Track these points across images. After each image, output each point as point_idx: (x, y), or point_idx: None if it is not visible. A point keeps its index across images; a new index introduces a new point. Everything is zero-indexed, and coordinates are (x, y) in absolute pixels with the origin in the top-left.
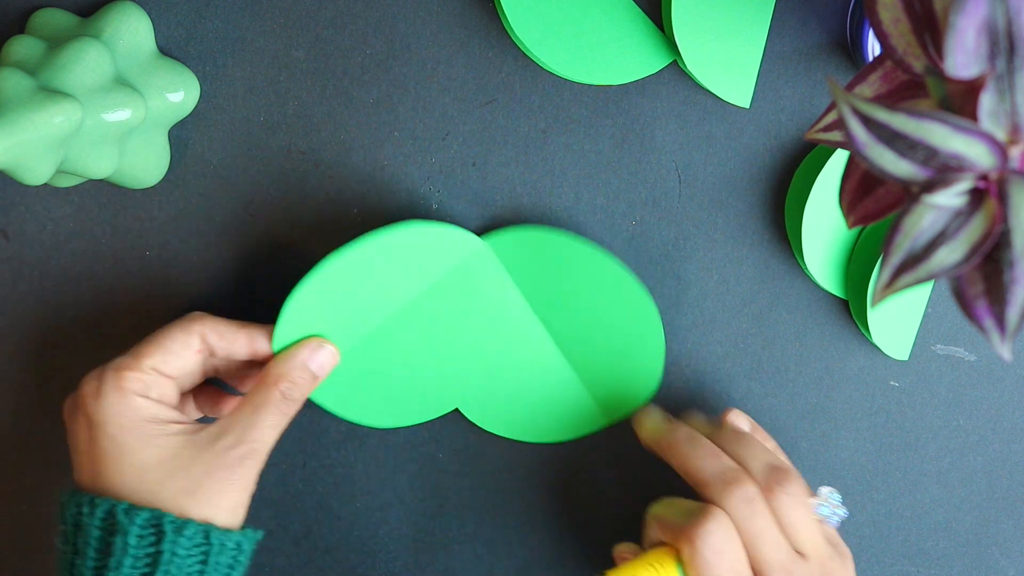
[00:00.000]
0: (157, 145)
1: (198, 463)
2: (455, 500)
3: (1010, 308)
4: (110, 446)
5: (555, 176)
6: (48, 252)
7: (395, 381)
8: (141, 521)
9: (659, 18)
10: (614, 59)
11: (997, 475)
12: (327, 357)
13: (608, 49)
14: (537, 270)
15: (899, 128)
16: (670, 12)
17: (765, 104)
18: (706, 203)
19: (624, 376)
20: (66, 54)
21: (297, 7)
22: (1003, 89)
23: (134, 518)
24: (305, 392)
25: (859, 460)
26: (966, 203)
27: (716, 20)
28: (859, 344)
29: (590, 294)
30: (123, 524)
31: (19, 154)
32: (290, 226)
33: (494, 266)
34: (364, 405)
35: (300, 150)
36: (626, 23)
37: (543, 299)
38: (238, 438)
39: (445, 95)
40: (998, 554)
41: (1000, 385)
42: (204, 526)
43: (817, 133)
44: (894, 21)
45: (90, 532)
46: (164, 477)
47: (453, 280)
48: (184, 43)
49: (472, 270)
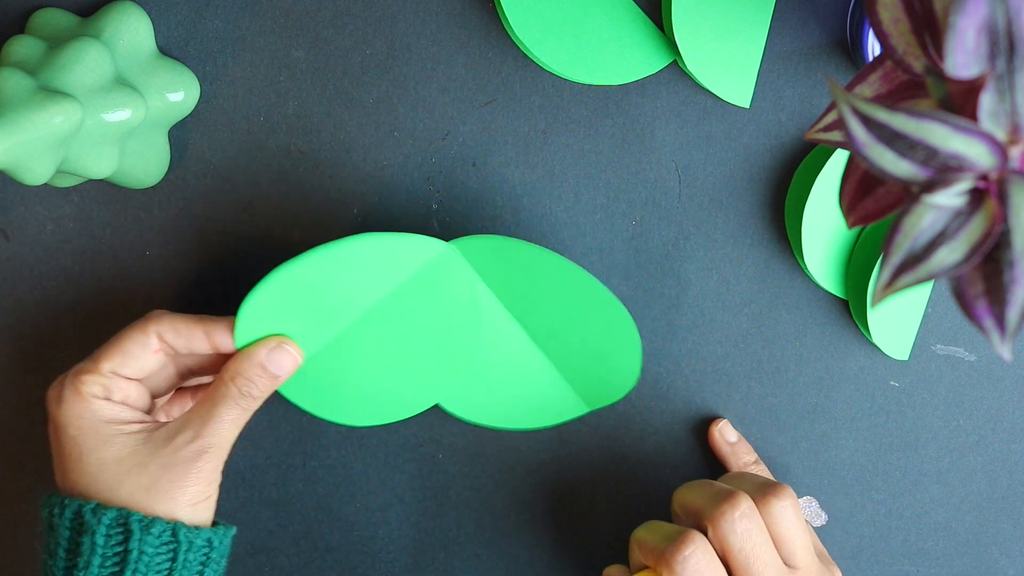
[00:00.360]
0: (157, 145)
1: (155, 459)
2: (455, 500)
3: (1010, 308)
4: (71, 447)
5: (555, 176)
6: (48, 252)
7: (370, 379)
8: (108, 520)
9: (659, 18)
10: (614, 59)
11: (997, 475)
12: (285, 358)
13: (608, 49)
14: (506, 274)
15: (899, 128)
16: (670, 12)
17: (765, 104)
18: (706, 203)
19: (601, 372)
20: (66, 54)
21: (297, 7)
22: (1003, 89)
23: (101, 517)
24: (264, 390)
25: (859, 460)
26: (966, 203)
27: (716, 20)
28: (859, 344)
29: (560, 298)
30: (90, 523)
31: (19, 154)
32: (290, 226)
33: (461, 267)
34: (341, 403)
35: (300, 150)
36: (626, 23)
37: (515, 300)
38: (195, 433)
39: (445, 95)
40: (998, 554)
41: (1000, 385)
42: (172, 524)
43: (817, 133)
44: (894, 21)
45: (60, 532)
46: (122, 474)
47: (420, 282)
48: (184, 43)
49: (439, 272)
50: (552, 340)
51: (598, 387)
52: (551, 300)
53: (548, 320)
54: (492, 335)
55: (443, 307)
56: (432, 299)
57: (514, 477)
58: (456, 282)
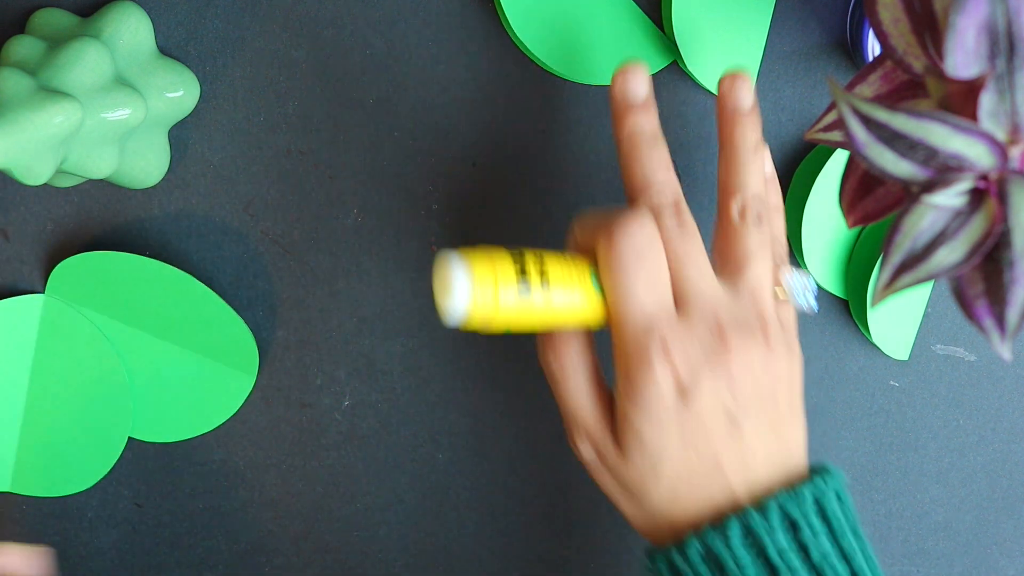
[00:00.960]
0: (157, 145)
1: None
2: (455, 500)
3: (1010, 308)
4: None
5: (555, 176)
6: (48, 252)
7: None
8: None
9: (659, 18)
10: (614, 59)
11: (997, 475)
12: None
13: (608, 49)
14: (113, 291)
15: (899, 128)
16: (670, 12)
17: (765, 104)
18: (706, 203)
19: (216, 377)
20: (66, 54)
21: (297, 7)
22: (1003, 89)
23: None
24: None
25: (859, 460)
26: (966, 203)
27: (716, 20)
28: (859, 344)
29: (167, 306)
30: None
31: (19, 154)
32: (290, 226)
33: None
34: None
35: (300, 150)
36: (626, 23)
37: (128, 313)
38: None
39: (445, 95)
40: (998, 554)
41: (1000, 385)
42: None
43: (817, 133)
44: (894, 21)
45: None
46: None
47: None
48: (184, 43)
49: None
50: (173, 341)
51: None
52: (161, 306)
53: (164, 326)
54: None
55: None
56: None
57: (514, 477)
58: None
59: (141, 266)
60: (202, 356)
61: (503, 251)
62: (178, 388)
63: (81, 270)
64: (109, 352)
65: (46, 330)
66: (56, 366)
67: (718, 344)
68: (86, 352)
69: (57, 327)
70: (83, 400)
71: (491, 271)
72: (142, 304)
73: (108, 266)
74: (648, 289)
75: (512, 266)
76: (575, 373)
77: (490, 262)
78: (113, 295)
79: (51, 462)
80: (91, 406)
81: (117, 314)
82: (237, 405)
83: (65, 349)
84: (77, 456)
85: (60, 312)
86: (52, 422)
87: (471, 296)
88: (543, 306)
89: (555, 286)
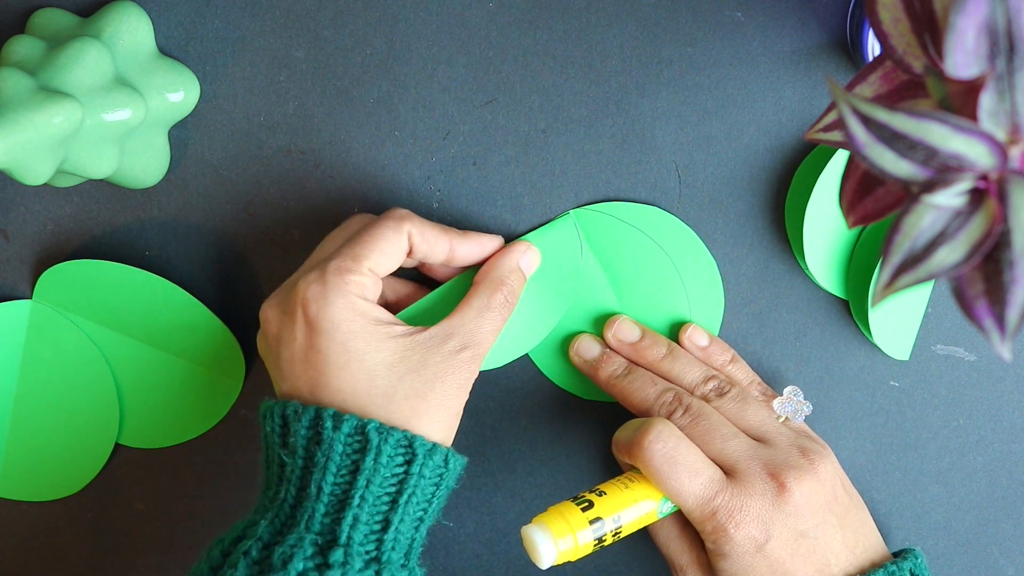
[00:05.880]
0: (157, 145)
1: (428, 366)
2: (455, 499)
3: (1010, 308)
4: (338, 353)
5: (555, 176)
6: (48, 252)
7: None
8: (397, 437)
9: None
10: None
11: (997, 475)
12: (535, 258)
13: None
14: (99, 298)
15: (899, 128)
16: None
17: (765, 104)
18: (706, 203)
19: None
20: (66, 54)
21: (297, 7)
22: (1003, 89)
23: (387, 437)
24: (518, 295)
25: (859, 460)
26: (966, 203)
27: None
28: (859, 344)
29: (151, 314)
30: (374, 441)
31: (19, 154)
32: (290, 226)
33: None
34: None
35: (300, 150)
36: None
37: (116, 319)
38: (464, 341)
39: (445, 95)
40: (998, 554)
41: (1000, 385)
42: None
43: (817, 133)
44: (894, 21)
45: (335, 448)
46: (396, 380)
47: None
48: (184, 43)
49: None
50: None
51: None
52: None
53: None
54: None
55: None
56: None
57: (514, 477)
58: None
59: (127, 275)
60: (189, 362)
61: (569, 503)
62: (165, 394)
63: (68, 276)
64: (97, 358)
65: (34, 335)
66: (44, 371)
67: (777, 488)
68: (74, 357)
69: (45, 332)
70: (70, 405)
71: (566, 525)
72: (129, 310)
73: (95, 273)
74: (693, 478)
75: (580, 513)
76: (678, 550)
77: (562, 518)
78: (100, 301)
79: (38, 467)
80: (78, 411)
81: (104, 320)
82: (224, 410)
83: (53, 354)
84: (64, 461)
85: (48, 318)
86: (39, 427)
87: (556, 552)
88: (620, 526)
89: (620, 510)
